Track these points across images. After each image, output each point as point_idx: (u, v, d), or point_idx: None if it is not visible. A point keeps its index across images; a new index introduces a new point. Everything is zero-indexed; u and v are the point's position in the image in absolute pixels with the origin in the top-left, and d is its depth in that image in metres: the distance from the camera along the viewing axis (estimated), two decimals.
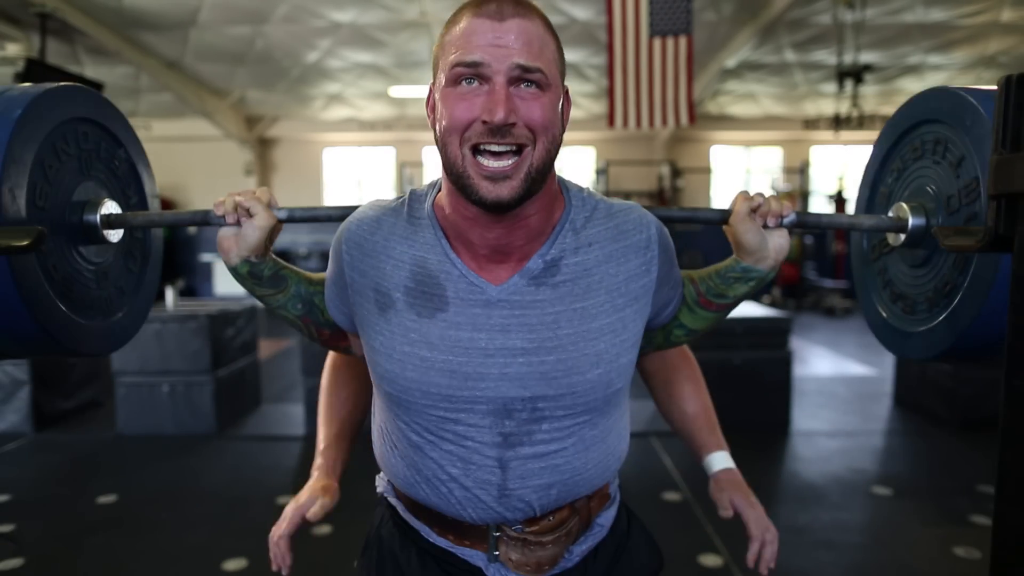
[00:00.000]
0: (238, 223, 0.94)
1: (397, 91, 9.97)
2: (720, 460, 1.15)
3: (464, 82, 0.79)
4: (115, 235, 1.02)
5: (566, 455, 0.90)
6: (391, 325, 0.89)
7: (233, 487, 3.58)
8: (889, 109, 11.34)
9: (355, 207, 0.99)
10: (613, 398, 0.92)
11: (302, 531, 1.14)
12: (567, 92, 0.88)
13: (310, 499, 1.10)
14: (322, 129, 11.81)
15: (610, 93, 6.57)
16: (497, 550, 0.94)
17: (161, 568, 2.75)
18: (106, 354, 1.06)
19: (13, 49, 6.96)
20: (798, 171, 11.56)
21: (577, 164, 12.56)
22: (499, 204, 0.80)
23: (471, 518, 0.92)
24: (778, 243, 0.95)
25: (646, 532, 1.11)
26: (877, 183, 1.09)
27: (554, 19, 7.54)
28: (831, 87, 8.96)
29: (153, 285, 1.17)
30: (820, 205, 12.04)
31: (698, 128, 11.41)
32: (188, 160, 11.92)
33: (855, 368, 6.38)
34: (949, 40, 8.22)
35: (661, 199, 11.48)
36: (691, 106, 6.56)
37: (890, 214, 0.99)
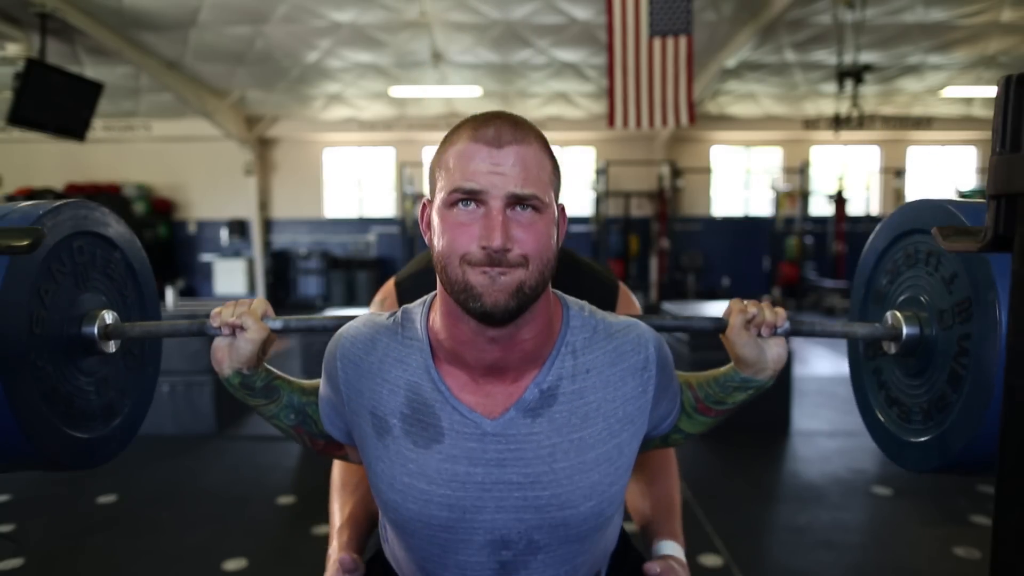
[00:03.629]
0: (233, 334, 0.94)
1: (397, 91, 9.96)
2: (670, 548, 1.15)
3: (461, 204, 0.81)
4: (113, 345, 1.01)
5: None
6: (389, 452, 0.89)
7: (233, 487, 3.58)
8: (889, 109, 11.40)
9: (350, 317, 1.00)
10: (605, 524, 0.94)
11: (302, 531, 1.14)
12: (563, 208, 0.90)
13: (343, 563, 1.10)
14: (322, 129, 11.80)
15: (610, 93, 6.56)
16: None
17: (161, 568, 2.75)
18: (109, 460, 1.06)
19: (13, 49, 6.95)
20: (798, 171, 11.55)
21: (577, 164, 12.55)
22: (496, 308, 0.81)
23: None
24: (776, 353, 0.96)
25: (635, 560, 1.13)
26: (872, 282, 1.09)
27: (554, 19, 7.56)
28: (831, 87, 8.96)
29: (154, 378, 1.17)
30: (820, 205, 12.04)
31: (698, 128, 11.40)
32: (188, 160, 11.92)
33: None
34: (949, 40, 8.21)
35: (661, 199, 11.48)
36: (691, 106, 6.56)
37: (884, 323, 0.99)
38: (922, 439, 0.94)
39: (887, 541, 2.96)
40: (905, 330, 0.95)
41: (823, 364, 6.70)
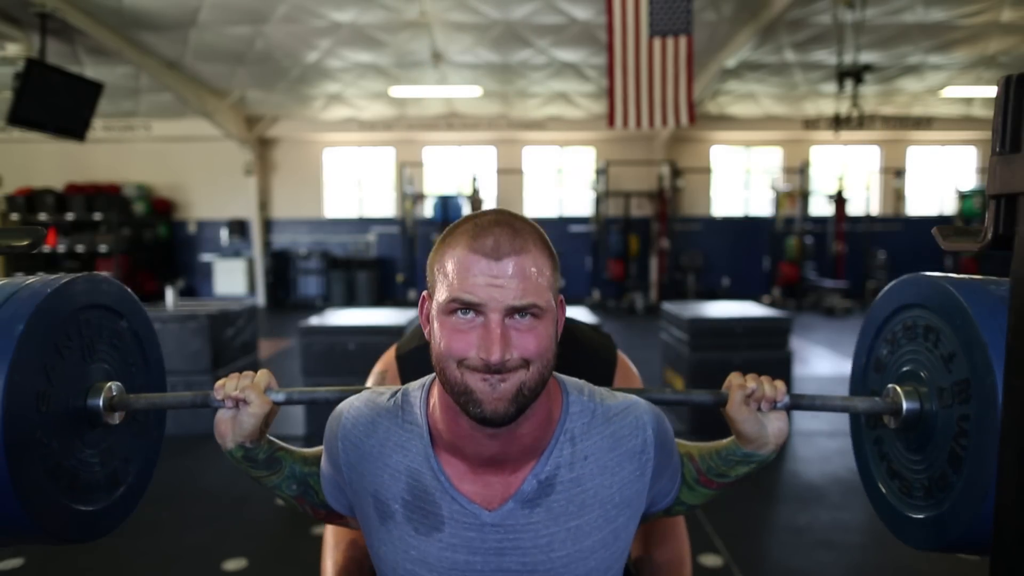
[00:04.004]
0: (236, 406, 0.95)
1: (397, 91, 9.97)
2: None
3: (460, 312, 0.81)
4: (118, 417, 1.01)
5: None
6: (392, 537, 0.91)
7: (233, 487, 3.58)
8: (889, 109, 11.40)
9: (352, 390, 1.00)
10: None
11: (302, 531, 1.15)
12: (561, 300, 0.90)
13: None
14: (322, 129, 11.80)
15: (610, 93, 6.56)
16: None
17: (161, 568, 2.75)
18: (115, 530, 1.05)
19: (13, 49, 6.96)
20: (798, 171, 11.56)
21: (577, 164, 12.56)
22: (495, 415, 0.82)
23: None
24: (776, 427, 0.96)
25: None
26: (873, 350, 1.09)
27: (554, 19, 7.56)
28: (831, 87, 8.96)
29: (158, 441, 1.16)
30: (820, 205, 12.04)
31: (698, 128, 11.40)
32: (188, 160, 11.92)
33: None
34: (949, 40, 8.22)
35: (661, 199, 11.48)
36: (691, 106, 6.56)
37: (884, 397, 0.99)
38: (923, 516, 0.94)
39: (887, 541, 2.95)
40: (905, 405, 0.95)
41: (823, 364, 6.70)
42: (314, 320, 4.83)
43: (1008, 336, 0.66)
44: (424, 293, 0.89)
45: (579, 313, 5.26)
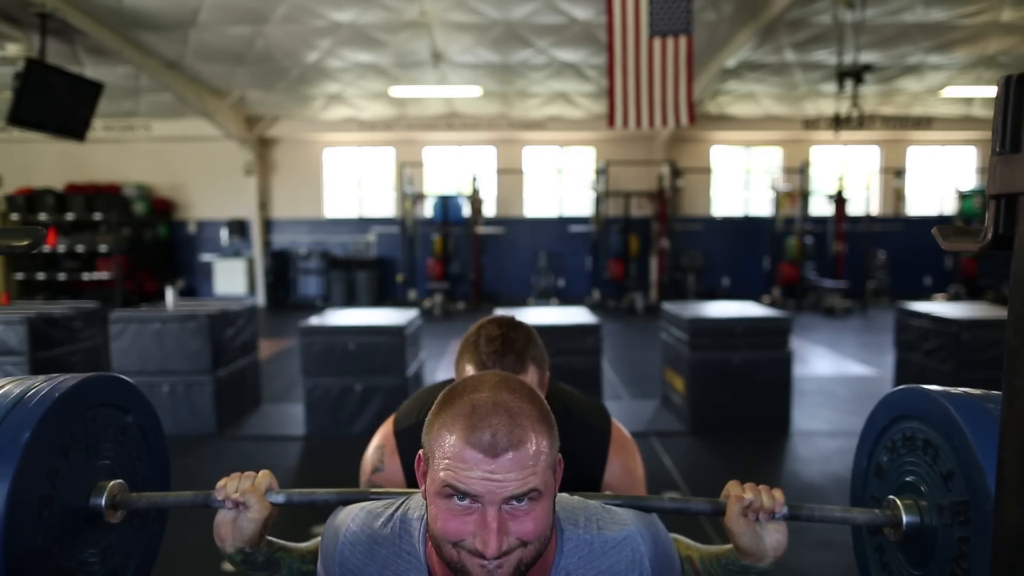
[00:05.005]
0: (237, 507, 0.96)
1: (397, 91, 9.97)
2: None
3: (456, 498, 0.81)
4: (119, 515, 1.00)
5: None
6: None
7: None
8: (889, 109, 11.40)
9: (354, 496, 1.00)
10: None
11: (302, 531, 1.15)
12: (560, 460, 0.89)
13: None
14: (322, 129, 11.81)
15: (610, 93, 6.56)
16: None
17: (161, 568, 2.74)
18: None
19: (13, 49, 6.96)
20: (798, 171, 11.56)
21: (577, 164, 12.56)
22: None
23: None
24: (775, 540, 0.96)
25: None
26: (872, 456, 1.09)
27: (554, 19, 7.56)
28: (831, 87, 8.96)
29: (160, 534, 1.15)
30: (820, 205, 12.05)
31: (698, 128, 11.40)
32: (188, 160, 11.92)
33: (855, 368, 6.38)
34: (949, 40, 8.22)
35: (661, 199, 11.49)
36: (691, 106, 6.56)
37: (884, 508, 0.98)
38: None
39: None
40: (905, 519, 0.94)
41: (823, 364, 6.70)
42: (314, 320, 4.83)
43: (1008, 336, 0.66)
44: (421, 452, 0.88)
45: (579, 314, 5.26)
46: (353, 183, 12.60)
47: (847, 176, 11.96)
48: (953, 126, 12.07)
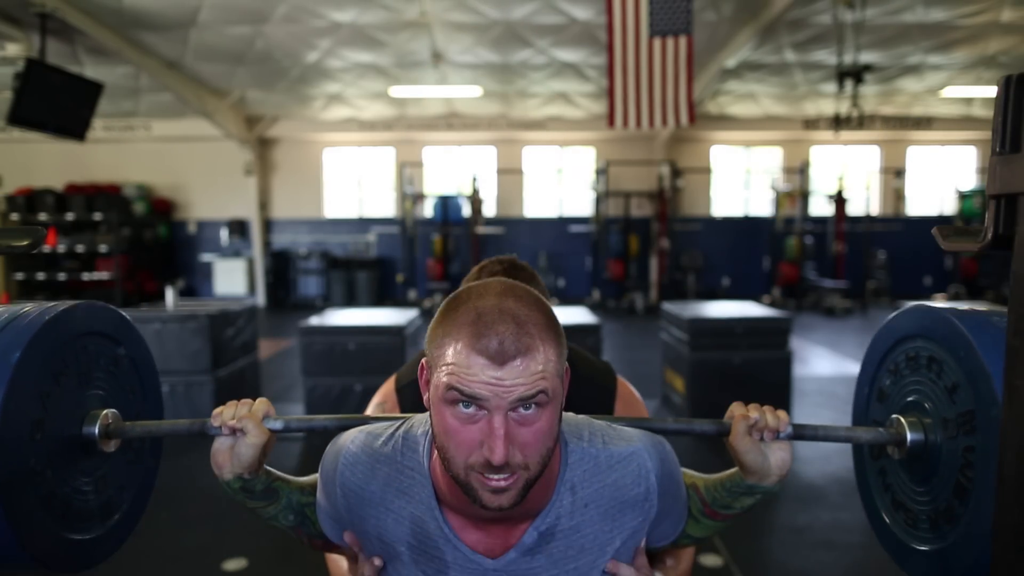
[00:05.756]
0: (233, 435, 0.95)
1: (397, 91, 9.97)
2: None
3: (461, 405, 0.79)
4: (113, 445, 1.00)
5: None
6: None
7: None
8: (889, 109, 11.40)
9: (353, 420, 0.99)
10: None
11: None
12: (567, 370, 0.88)
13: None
14: (322, 129, 11.81)
15: (610, 93, 6.56)
16: None
17: (161, 568, 2.75)
18: (112, 555, 1.05)
19: (13, 49, 6.96)
20: (798, 171, 11.56)
21: (577, 164, 12.56)
22: (500, 510, 0.82)
23: None
24: (780, 458, 0.96)
25: None
26: (874, 381, 1.09)
27: (554, 19, 7.56)
28: (831, 87, 8.96)
29: (155, 469, 1.15)
30: (820, 205, 12.05)
31: (698, 128, 11.40)
32: (188, 160, 11.92)
33: (855, 368, 6.36)
34: (949, 40, 8.22)
35: (661, 199, 11.49)
36: (691, 106, 6.56)
37: (888, 428, 0.98)
38: (928, 548, 0.94)
39: None
40: (909, 436, 0.94)
41: (823, 364, 6.70)
42: (314, 320, 4.83)
43: (1008, 336, 0.66)
44: (424, 361, 0.86)
45: (579, 313, 5.26)
46: (353, 183, 12.60)
47: (847, 176, 11.96)
48: (953, 126, 12.07)
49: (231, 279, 11.88)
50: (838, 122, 8.19)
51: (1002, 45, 8.38)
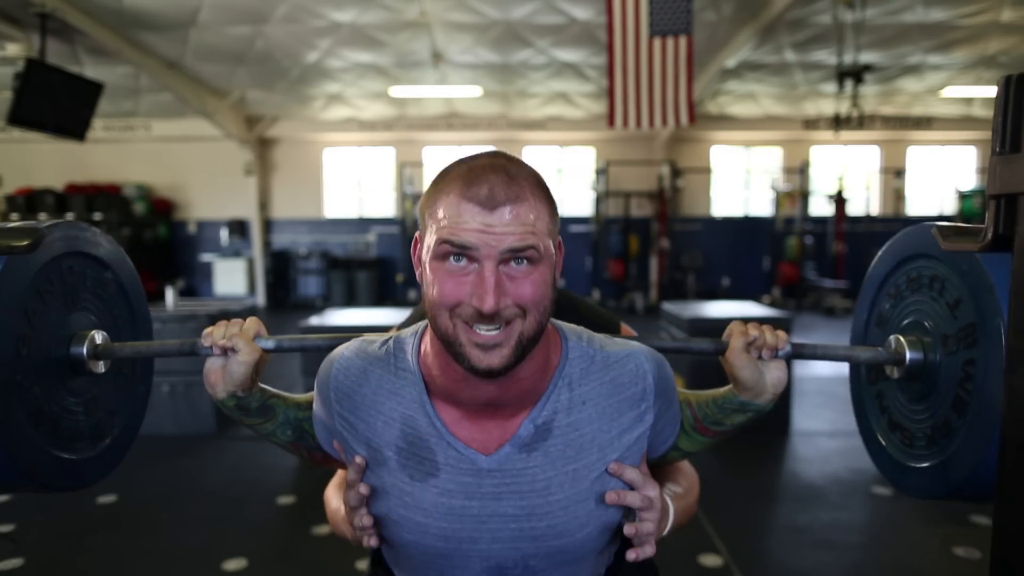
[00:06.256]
0: (224, 355, 0.94)
1: (397, 91, 9.97)
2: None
3: (452, 259, 0.79)
4: (103, 366, 1.00)
5: None
6: (385, 484, 0.89)
7: (233, 487, 3.58)
8: (889, 109, 11.39)
9: (344, 336, 0.99)
10: (603, 545, 0.93)
11: (302, 531, 1.14)
12: (560, 244, 0.88)
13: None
14: (322, 129, 11.80)
15: (610, 93, 6.56)
16: None
17: (161, 568, 2.75)
18: (99, 480, 1.05)
19: (13, 49, 6.96)
20: (798, 171, 11.55)
21: (577, 164, 12.56)
22: (490, 372, 0.80)
23: None
24: (776, 376, 0.95)
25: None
26: (874, 306, 1.09)
27: (554, 19, 7.56)
28: (831, 87, 8.96)
29: (145, 397, 1.15)
30: (820, 205, 12.04)
31: (698, 128, 11.40)
32: (188, 160, 11.92)
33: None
34: (949, 40, 8.22)
35: (661, 199, 11.48)
36: (691, 106, 6.56)
37: (887, 347, 0.98)
38: (925, 465, 0.94)
39: (887, 541, 2.96)
40: (908, 355, 0.94)
41: (823, 364, 6.70)
42: (314, 320, 4.83)
43: (1008, 336, 0.66)
44: (416, 234, 0.86)
45: None
46: (353, 183, 12.59)
47: (847, 176, 11.96)
48: (953, 126, 12.07)
49: (231, 279, 11.87)
50: (838, 122, 8.18)
51: (1002, 45, 8.37)
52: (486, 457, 0.87)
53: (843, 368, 1.17)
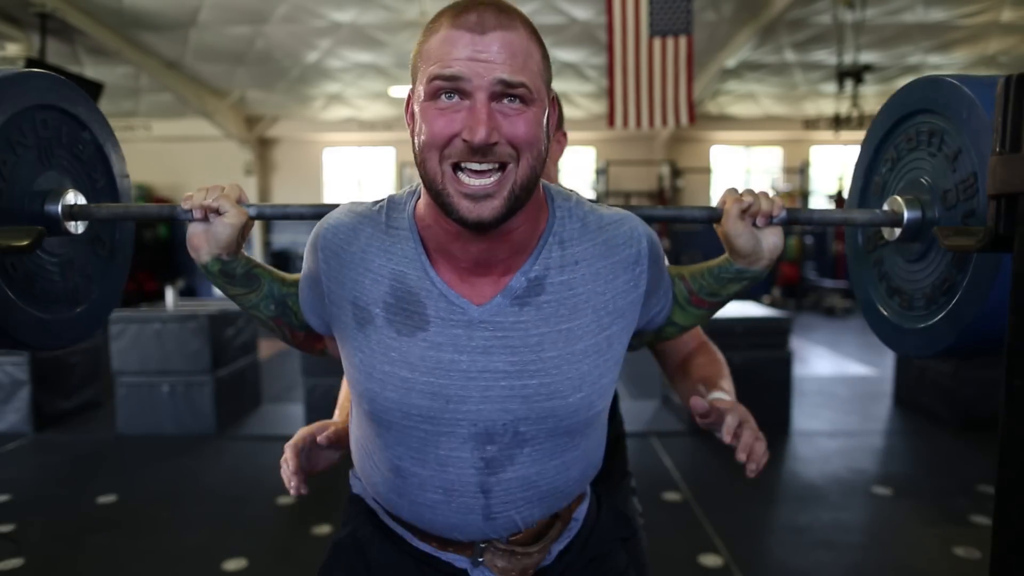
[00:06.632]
0: (206, 219, 0.90)
1: (397, 91, 9.97)
2: (720, 395, 1.07)
3: (443, 96, 0.76)
4: (79, 227, 0.98)
5: (548, 476, 0.90)
6: (371, 342, 0.86)
7: (233, 487, 3.58)
8: None
9: (329, 206, 0.96)
10: (594, 419, 0.91)
11: (302, 531, 1.14)
12: (554, 99, 0.85)
13: (320, 427, 1.08)
14: (322, 129, 11.80)
15: (610, 93, 6.56)
16: (482, 557, 0.94)
17: (161, 568, 2.75)
18: (74, 344, 1.05)
19: (13, 49, 6.96)
20: (798, 171, 11.56)
21: (577, 164, 12.55)
22: (480, 224, 0.78)
23: (455, 536, 0.92)
24: (772, 242, 0.93)
25: (612, 507, 1.11)
26: (871, 173, 1.07)
27: (554, 19, 7.55)
28: (831, 87, 8.96)
29: (124, 268, 1.13)
30: (820, 205, 12.04)
31: (698, 128, 11.40)
32: (188, 160, 11.92)
33: (855, 368, 6.38)
34: (949, 40, 8.22)
35: (661, 199, 11.48)
36: (691, 106, 6.56)
37: (884, 207, 0.96)
38: (924, 324, 0.93)
39: (887, 541, 2.96)
40: (907, 214, 0.92)
41: (823, 364, 6.70)
42: None
43: (1008, 336, 0.66)
44: (409, 93, 0.83)
45: None
46: (353, 183, 12.59)
47: (847, 176, 11.96)
48: None
49: None
50: (838, 122, 8.19)
51: (1002, 45, 8.37)
52: (477, 308, 0.84)
53: (843, 368, 1.16)
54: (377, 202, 0.92)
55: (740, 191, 0.93)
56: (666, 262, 0.97)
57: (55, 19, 6.43)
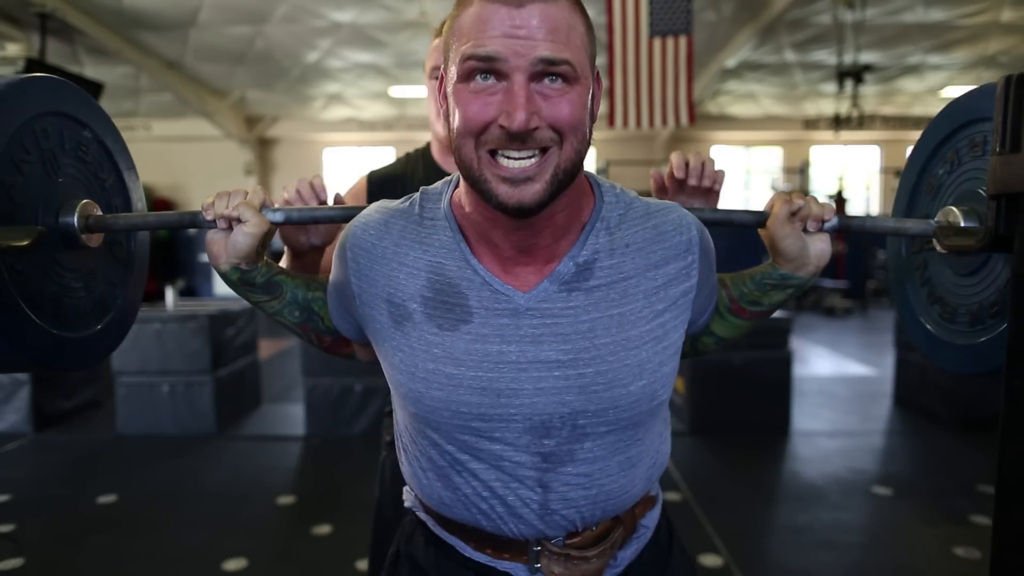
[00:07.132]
0: (229, 227, 0.87)
1: (397, 91, 9.97)
2: None
3: (478, 77, 0.70)
4: (96, 240, 0.95)
5: (611, 473, 0.84)
6: (410, 340, 0.81)
7: (233, 487, 3.58)
8: (889, 109, 11.40)
9: (358, 208, 0.91)
10: (657, 410, 0.85)
11: (302, 531, 1.13)
12: (598, 75, 0.77)
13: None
14: (322, 129, 11.80)
15: (610, 93, 6.56)
16: (539, 563, 0.87)
17: (161, 568, 2.74)
18: (109, 355, 1.01)
19: (13, 49, 6.96)
20: (798, 171, 11.55)
21: None
22: (521, 209, 0.72)
23: (511, 533, 0.86)
24: (820, 248, 0.90)
25: (682, 545, 1.04)
26: (925, 171, 1.02)
27: None
28: (831, 87, 8.96)
29: (144, 263, 1.09)
30: None
31: (698, 128, 11.40)
32: (188, 160, 11.92)
33: (855, 368, 6.38)
34: (949, 40, 8.22)
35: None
36: (691, 106, 6.56)
37: (938, 218, 0.91)
38: (967, 342, 0.89)
39: (887, 541, 2.96)
40: (964, 225, 0.87)
41: (823, 364, 6.70)
42: None
43: (1008, 336, 0.66)
44: (441, 72, 0.76)
45: None
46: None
47: (847, 176, 11.95)
48: None
49: None
50: (838, 122, 8.19)
51: (1002, 45, 8.37)
52: (523, 294, 0.79)
53: (843, 368, 1.15)
54: (408, 197, 0.87)
55: (790, 194, 0.90)
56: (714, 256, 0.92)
57: (55, 19, 6.43)
